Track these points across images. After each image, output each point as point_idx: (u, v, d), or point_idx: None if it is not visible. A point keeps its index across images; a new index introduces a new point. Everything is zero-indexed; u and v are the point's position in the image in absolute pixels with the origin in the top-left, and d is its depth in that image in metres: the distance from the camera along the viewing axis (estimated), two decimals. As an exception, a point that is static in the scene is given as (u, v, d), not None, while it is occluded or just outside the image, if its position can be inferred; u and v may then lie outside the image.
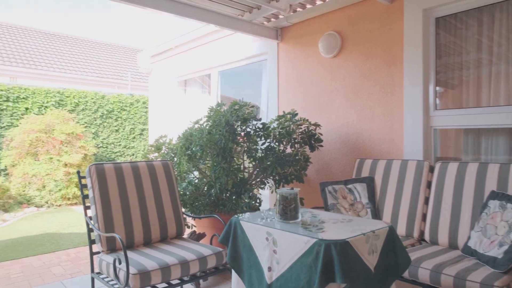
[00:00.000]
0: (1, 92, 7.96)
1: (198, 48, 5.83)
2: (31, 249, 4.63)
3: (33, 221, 6.21)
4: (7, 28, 14.26)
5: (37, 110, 8.37)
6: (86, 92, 9.16)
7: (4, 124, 7.99)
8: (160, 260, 2.29)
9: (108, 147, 9.50)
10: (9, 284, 3.44)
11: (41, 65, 12.28)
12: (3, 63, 11.30)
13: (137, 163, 2.90)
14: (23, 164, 7.38)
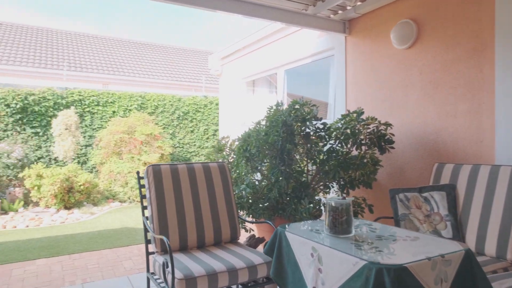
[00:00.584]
0: (93, 97, 8.84)
1: (264, 48, 5.74)
2: (109, 242, 5.00)
3: (115, 215, 6.74)
4: (101, 40, 15.91)
5: (122, 113, 9.13)
6: (164, 95, 9.73)
7: (95, 126, 8.86)
8: (208, 266, 2.21)
9: (184, 147, 9.97)
10: (85, 274, 3.72)
11: (128, 71, 13.43)
12: (97, 71, 12.61)
13: (193, 165, 2.89)
14: (109, 162, 8.09)
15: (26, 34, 13.95)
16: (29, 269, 3.93)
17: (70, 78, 11.67)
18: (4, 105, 7.82)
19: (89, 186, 7.31)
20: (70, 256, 4.38)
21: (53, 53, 12.96)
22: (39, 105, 8.18)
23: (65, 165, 7.95)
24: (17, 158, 7.36)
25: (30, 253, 4.49)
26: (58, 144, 7.84)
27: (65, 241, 5.01)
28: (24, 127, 8.09)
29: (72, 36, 15.13)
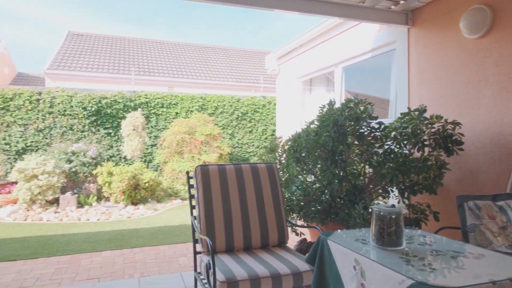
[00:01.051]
0: (158, 99, 9.33)
1: (321, 45, 5.55)
2: (168, 238, 5.20)
3: (176, 212, 7.02)
4: (167, 45, 16.79)
5: (184, 114, 9.51)
6: (224, 96, 9.95)
7: (160, 127, 9.34)
8: (251, 270, 2.16)
9: (242, 147, 10.09)
10: (143, 268, 3.90)
11: (192, 74, 13.99)
12: (163, 75, 13.32)
13: (240, 165, 2.85)
14: (172, 161, 8.48)
15: (102, 43, 15.23)
16: (96, 260, 4.22)
17: (138, 82, 12.49)
18: (81, 108, 8.59)
19: (153, 183, 7.72)
20: (132, 250, 4.63)
21: (125, 59, 13.97)
22: (111, 108, 8.85)
23: (133, 164, 8.50)
24: (91, 157, 8.04)
25: (99, 244, 4.84)
26: (127, 144, 8.40)
27: (129, 235, 5.32)
28: (98, 128, 8.81)
29: (141, 43, 16.19)
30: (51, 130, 8.49)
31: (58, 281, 3.56)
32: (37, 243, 4.91)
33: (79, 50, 14.03)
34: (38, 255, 4.40)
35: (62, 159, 7.76)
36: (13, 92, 8.25)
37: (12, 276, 3.72)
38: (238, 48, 18.23)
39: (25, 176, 6.97)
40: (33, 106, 8.36)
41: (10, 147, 8.22)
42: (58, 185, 7.25)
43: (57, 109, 8.48)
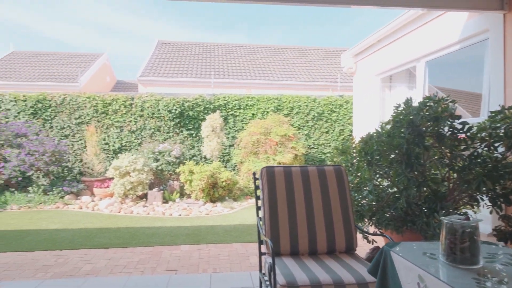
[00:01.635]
0: (236, 101, 9.66)
1: (401, 39, 5.18)
2: (241, 236, 5.34)
3: (251, 211, 7.18)
4: (245, 48, 17.27)
5: (260, 115, 9.68)
6: (299, 97, 9.88)
7: (237, 128, 9.66)
8: (314, 276, 2.10)
9: (318, 148, 9.92)
10: (216, 264, 4.06)
11: (268, 75, 14.18)
12: (241, 77, 13.75)
13: (307, 168, 2.80)
14: (248, 161, 8.69)
15: (185, 50, 16.30)
16: (175, 253, 4.53)
17: (217, 85, 13.07)
18: (167, 111, 9.30)
19: (230, 183, 8.01)
20: (208, 245, 4.86)
21: (206, 64, 14.75)
22: (192, 110, 9.42)
23: (211, 163, 8.92)
24: (175, 156, 8.65)
25: (178, 239, 5.18)
26: (206, 144, 8.85)
27: (206, 232, 5.60)
28: (181, 129, 9.45)
29: (221, 47, 16.93)
30: (141, 131, 9.35)
31: (141, 270, 3.89)
32: (127, 234, 5.44)
33: (166, 58, 15.22)
34: (127, 245, 4.87)
35: (150, 158, 8.49)
36: (111, 98, 9.29)
37: (104, 262, 4.18)
38: (315, 47, 17.98)
39: (120, 173, 7.79)
40: (127, 110, 9.30)
41: (109, 147, 9.26)
42: (146, 181, 7.96)
43: (146, 112, 9.32)
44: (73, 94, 9.30)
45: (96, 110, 9.23)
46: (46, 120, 9.17)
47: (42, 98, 9.13)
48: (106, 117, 9.27)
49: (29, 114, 9.10)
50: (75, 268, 3.96)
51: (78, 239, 5.19)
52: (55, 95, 9.22)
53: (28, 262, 4.17)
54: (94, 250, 4.69)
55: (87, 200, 7.98)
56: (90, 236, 5.34)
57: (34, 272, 3.84)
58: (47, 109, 9.16)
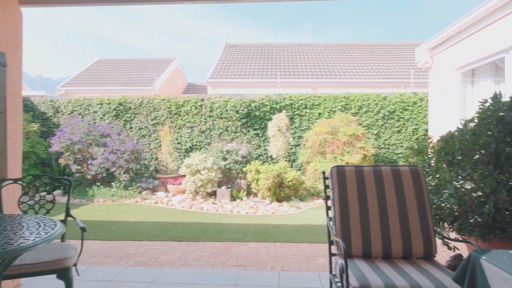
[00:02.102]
0: (302, 101, 9.60)
1: (485, 29, 4.71)
2: (308, 236, 5.30)
3: (317, 212, 7.09)
4: (311, 47, 17.07)
5: (327, 115, 9.50)
6: (368, 95, 9.50)
7: (303, 127, 9.59)
8: (389, 280, 2.00)
9: (389, 149, 9.44)
10: (283, 263, 4.08)
11: (335, 74, 13.86)
12: (307, 76, 13.62)
13: (380, 168, 2.68)
14: (314, 161, 8.59)
15: (252, 52, 16.60)
16: (243, 249, 4.64)
17: (283, 85, 13.10)
18: (234, 111, 9.57)
19: (297, 182, 7.98)
20: (275, 244, 4.90)
21: (272, 65, 14.87)
22: (259, 110, 9.57)
23: (277, 163, 8.97)
24: (242, 155, 8.87)
25: (246, 235, 5.31)
26: (272, 144, 8.93)
27: (273, 230, 5.65)
28: (248, 129, 9.65)
29: (287, 48, 16.94)
30: (210, 131, 9.74)
31: (212, 263, 4.06)
32: (198, 229, 5.71)
33: (233, 60, 15.67)
34: (199, 239, 5.11)
35: (219, 157, 8.81)
36: (183, 100, 9.83)
37: (178, 254, 4.43)
38: (385, 43, 17.13)
39: (191, 170, 8.20)
40: (197, 111, 9.77)
41: (181, 146, 9.81)
42: (215, 179, 8.27)
43: (215, 113, 9.69)
44: (149, 97, 10.02)
45: (170, 111, 9.84)
46: (127, 121, 10.00)
47: (123, 101, 9.98)
48: (179, 118, 9.82)
49: (112, 116, 10.01)
50: (153, 258, 4.26)
51: (155, 231, 5.57)
52: (134, 98, 10.02)
53: (113, 250, 4.59)
54: (168, 242, 5.00)
55: (161, 195, 8.53)
56: (165, 229, 5.70)
57: (118, 259, 4.21)
58: (127, 111, 9.99)
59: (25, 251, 1.46)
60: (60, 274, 2.12)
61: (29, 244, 1.48)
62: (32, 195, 2.68)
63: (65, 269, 2.14)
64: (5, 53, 2.97)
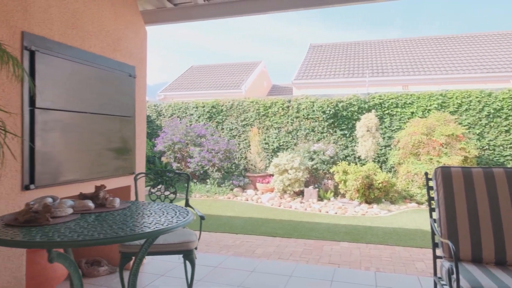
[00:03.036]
0: (392, 100, 9.22)
1: None
2: (403, 240, 5.13)
3: (411, 216, 6.77)
4: (401, 42, 16.15)
5: (421, 114, 8.97)
6: (469, 92, 8.72)
7: (394, 128, 9.20)
8: (504, 286, 1.92)
9: (495, 150, 8.54)
10: (378, 264, 4.04)
11: (429, 70, 12.94)
12: (397, 74, 12.98)
13: (491, 169, 2.55)
14: (406, 163, 8.19)
15: (337, 51, 16.36)
16: (335, 248, 4.70)
17: (371, 83, 12.68)
18: (321, 112, 9.60)
19: (387, 184, 7.72)
20: (367, 245, 4.86)
21: (359, 63, 14.48)
22: (346, 110, 9.45)
23: (366, 164, 8.77)
24: (329, 156, 8.86)
25: (337, 235, 5.35)
26: (361, 144, 8.75)
27: (364, 231, 5.59)
28: (335, 130, 9.60)
29: (374, 45, 16.31)
30: (297, 132, 9.92)
31: (306, 259, 4.21)
32: (288, 226, 5.92)
33: (318, 60, 15.64)
34: (290, 236, 5.31)
35: (306, 157, 8.94)
36: (270, 101, 10.18)
37: (273, 248, 4.68)
38: (488, 32, 15.40)
39: (279, 170, 8.47)
40: (284, 112, 10.03)
41: (268, 146, 10.17)
42: (302, 179, 8.42)
43: (302, 114, 9.83)
44: (239, 99, 10.59)
45: (258, 113, 10.27)
46: (219, 123, 10.72)
47: (216, 104, 10.72)
48: (266, 119, 10.20)
49: (206, 118, 10.82)
50: (249, 250, 4.57)
51: (248, 226, 5.93)
52: (226, 101, 10.69)
53: (213, 240, 5.03)
54: (262, 237, 5.29)
55: (251, 193, 8.97)
56: (257, 224, 6.03)
57: (218, 249, 4.61)
58: (219, 113, 10.70)
59: (169, 232, 1.78)
60: (186, 254, 2.48)
61: (173, 226, 1.81)
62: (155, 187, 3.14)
63: (189, 250, 2.49)
64: (134, 67, 3.51)
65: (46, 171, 2.53)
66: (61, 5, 2.66)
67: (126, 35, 3.38)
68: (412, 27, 55.72)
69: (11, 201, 2.32)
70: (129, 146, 3.45)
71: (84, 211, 2.05)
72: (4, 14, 2.22)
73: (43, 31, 2.51)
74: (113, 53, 3.22)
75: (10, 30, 2.27)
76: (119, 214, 2.05)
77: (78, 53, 2.81)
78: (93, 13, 2.98)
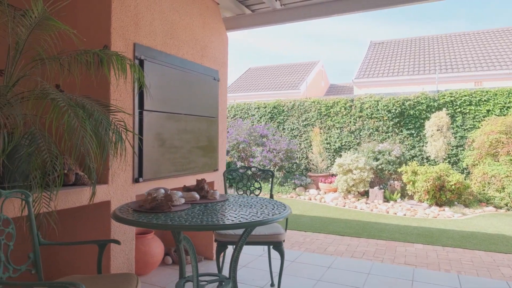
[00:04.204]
0: (465, 97, 8.71)
1: None
2: (483, 244, 4.87)
3: (489, 220, 6.37)
4: (472, 35, 15.09)
5: (499, 112, 8.36)
6: (557, 86, 7.96)
7: (467, 127, 8.68)
8: None
9: None
10: (458, 267, 3.91)
11: (505, 64, 11.98)
12: (468, 69, 12.19)
13: None
14: (482, 164, 7.71)
15: (400, 47, 15.73)
16: (409, 249, 4.61)
17: (440, 80, 12.04)
18: (386, 111, 9.35)
19: (460, 186, 7.32)
20: (444, 248, 4.70)
21: (425, 59, 13.81)
22: (413, 109, 9.11)
23: (436, 164, 8.38)
24: (395, 156, 8.61)
25: (409, 236, 5.22)
26: (431, 144, 8.38)
27: (438, 234, 5.39)
28: (401, 129, 9.29)
29: (441, 39, 15.44)
30: (360, 131, 9.76)
31: (380, 259, 4.19)
32: (357, 226, 5.89)
33: (380, 58, 15.18)
34: (360, 235, 5.29)
35: (370, 157, 8.77)
36: (332, 101, 10.13)
37: (344, 247, 4.71)
38: None
39: (343, 170, 8.42)
40: (347, 111, 9.92)
41: (330, 146, 10.12)
42: (367, 179, 8.28)
43: (365, 113, 9.65)
44: (300, 100, 10.66)
45: (319, 112, 10.27)
46: (280, 123, 10.89)
47: (277, 105, 10.90)
48: (328, 119, 10.16)
49: (267, 118, 11.04)
50: (321, 247, 4.65)
51: (315, 224, 6.00)
52: (287, 101, 10.82)
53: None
54: (331, 235, 5.34)
55: (314, 193, 9.00)
56: (325, 223, 6.07)
57: (290, 245, 4.75)
58: (281, 114, 10.86)
59: (271, 223, 1.94)
60: (275, 246, 2.64)
61: (277, 216, 1.97)
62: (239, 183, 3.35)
63: (279, 242, 2.65)
64: (218, 71, 3.77)
65: (150, 166, 2.84)
66: (162, 18, 2.97)
67: (211, 41, 3.65)
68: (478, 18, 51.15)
69: (125, 192, 2.65)
70: (213, 145, 3.72)
71: (192, 201, 2.29)
72: (121, 29, 2.55)
73: (149, 42, 2.83)
74: (201, 58, 3.50)
75: (125, 42, 2.60)
76: (223, 205, 2.26)
77: (174, 60, 3.11)
78: (186, 23, 3.27)
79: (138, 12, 2.72)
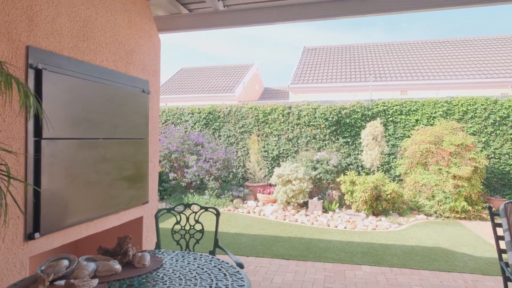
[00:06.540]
0: (396, 107, 8.99)
1: None
2: (426, 261, 4.84)
3: (424, 230, 6.51)
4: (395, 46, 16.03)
5: (426, 121, 8.76)
6: (475, 99, 8.56)
7: (398, 135, 8.97)
8: None
9: (501, 159, 8.40)
10: (412, 295, 3.73)
11: (428, 75, 12.82)
12: (395, 79, 12.80)
13: None
14: (414, 173, 7.96)
15: (333, 54, 16.11)
16: (358, 274, 4.37)
17: (373, 88, 12.45)
18: (323, 119, 9.29)
19: (395, 195, 7.45)
20: (391, 269, 4.54)
21: (355, 67, 14.26)
22: (349, 118, 9.17)
23: (371, 173, 8.50)
24: (333, 165, 8.56)
25: (355, 257, 5.01)
26: (366, 153, 8.47)
27: (382, 251, 5.28)
28: (337, 137, 9.30)
29: (369, 48, 16.13)
30: (298, 139, 9.58)
31: (332, 290, 3.85)
32: (300, 245, 5.56)
33: (314, 63, 15.36)
34: (306, 258, 4.95)
35: (309, 166, 8.60)
36: (270, 108, 9.81)
37: (291, 275, 4.31)
38: (487, 36, 15.42)
39: (282, 180, 8.11)
40: (284, 118, 9.67)
41: (268, 154, 9.79)
42: (307, 190, 8.08)
43: (303, 121, 9.50)
44: (237, 105, 10.17)
45: (257, 119, 9.89)
46: (215, 130, 10.28)
47: (213, 110, 10.28)
48: (266, 126, 9.83)
49: (202, 124, 10.36)
50: (267, 278, 4.19)
51: (257, 245, 5.54)
52: (223, 107, 10.25)
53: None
54: (276, 260, 4.91)
55: (252, 204, 8.57)
56: (267, 244, 5.64)
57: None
58: (216, 120, 10.26)
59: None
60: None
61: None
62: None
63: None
64: (148, 81, 3.08)
65: (52, 213, 2.09)
66: (71, 13, 2.21)
67: (140, 45, 2.95)
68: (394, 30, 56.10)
69: (10, 257, 1.87)
70: (142, 172, 3.02)
71: (111, 276, 1.62)
72: (5, 26, 1.78)
73: (52, 44, 2.07)
74: (126, 66, 2.79)
75: (12, 45, 1.82)
76: (156, 281, 1.63)
77: (89, 69, 2.37)
78: (106, 21, 2.54)
79: (34, 2, 1.95)
